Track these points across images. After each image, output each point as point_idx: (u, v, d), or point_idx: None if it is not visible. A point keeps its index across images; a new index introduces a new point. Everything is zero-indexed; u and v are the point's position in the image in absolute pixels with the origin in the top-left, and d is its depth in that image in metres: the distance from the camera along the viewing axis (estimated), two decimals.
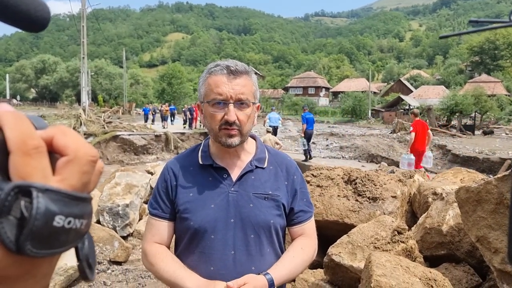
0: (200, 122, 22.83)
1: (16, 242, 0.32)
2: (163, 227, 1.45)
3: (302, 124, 13.29)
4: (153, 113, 30.14)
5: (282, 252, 1.49)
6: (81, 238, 0.38)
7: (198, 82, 1.44)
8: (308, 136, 13.09)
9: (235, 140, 1.35)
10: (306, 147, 13.15)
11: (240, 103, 1.34)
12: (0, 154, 0.33)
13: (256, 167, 1.45)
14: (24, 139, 0.33)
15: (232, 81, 1.33)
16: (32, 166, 0.33)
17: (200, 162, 1.45)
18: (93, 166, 0.38)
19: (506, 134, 25.47)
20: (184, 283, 1.30)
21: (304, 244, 1.49)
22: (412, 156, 9.18)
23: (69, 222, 0.34)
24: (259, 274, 1.33)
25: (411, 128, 9.38)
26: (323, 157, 15.80)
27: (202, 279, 1.31)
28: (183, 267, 1.36)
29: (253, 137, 1.56)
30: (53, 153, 0.37)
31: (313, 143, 20.87)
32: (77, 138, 0.38)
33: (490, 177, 2.65)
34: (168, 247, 1.47)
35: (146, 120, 29.26)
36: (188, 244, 1.41)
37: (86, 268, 0.40)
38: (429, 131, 9.38)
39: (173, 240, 1.51)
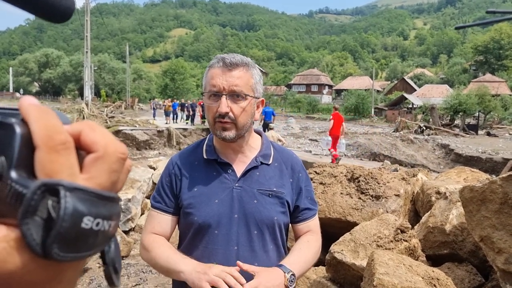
0: (204, 118, 22.91)
1: (42, 245, 0.30)
2: (164, 220, 1.44)
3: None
4: (154, 108, 30.15)
5: (285, 249, 1.48)
6: (109, 241, 0.36)
7: None
8: (264, 125, 15.69)
9: (230, 134, 1.33)
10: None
11: (235, 95, 1.32)
12: (25, 150, 0.31)
13: (261, 163, 1.44)
14: (51, 133, 0.32)
15: (226, 73, 1.32)
16: (59, 163, 0.32)
17: (205, 157, 1.44)
18: (122, 164, 0.36)
19: (510, 134, 25.38)
20: (178, 267, 1.28)
21: (310, 238, 1.49)
22: (330, 138, 12.80)
23: (97, 224, 0.32)
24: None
25: (331, 117, 12.99)
26: (325, 155, 15.78)
27: (197, 262, 1.29)
28: (178, 253, 1.35)
29: (259, 133, 1.55)
30: (79, 150, 0.35)
31: (316, 140, 20.92)
32: (106, 134, 0.36)
33: (493, 177, 2.64)
34: (168, 240, 1.46)
35: (176, 118, 25.87)
36: (192, 239, 1.40)
37: (112, 273, 0.38)
38: (343, 123, 12.87)
39: (177, 237, 1.51)
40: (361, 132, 25.68)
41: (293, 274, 1.29)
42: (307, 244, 1.46)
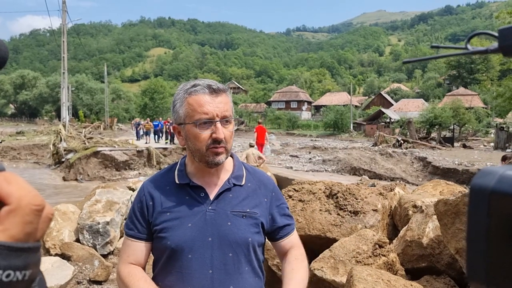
0: (173, 142, 22.46)
1: None
2: (139, 248, 1.42)
3: None
4: (137, 128, 29.86)
5: (261, 270, 1.47)
6: None
7: (173, 103, 1.43)
8: None
9: (222, 158, 1.35)
10: None
11: (225, 121, 1.35)
12: None
13: (234, 184, 1.44)
14: None
15: (215, 99, 1.33)
16: None
17: (177, 182, 1.43)
18: (37, 215, 0.36)
19: (484, 145, 26.06)
20: None
21: (297, 254, 1.51)
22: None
23: (7, 275, 0.32)
24: None
25: (255, 129, 16.59)
26: (306, 171, 15.86)
27: None
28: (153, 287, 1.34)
29: (231, 155, 1.56)
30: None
31: (296, 156, 21.04)
32: (22, 186, 0.36)
33: (468, 188, 2.69)
34: (144, 268, 1.44)
35: (158, 137, 25.91)
36: (166, 264, 1.39)
37: None
38: (266, 133, 16.66)
39: (150, 261, 1.49)
40: (340, 147, 25.97)
41: None
42: (298, 262, 1.47)
